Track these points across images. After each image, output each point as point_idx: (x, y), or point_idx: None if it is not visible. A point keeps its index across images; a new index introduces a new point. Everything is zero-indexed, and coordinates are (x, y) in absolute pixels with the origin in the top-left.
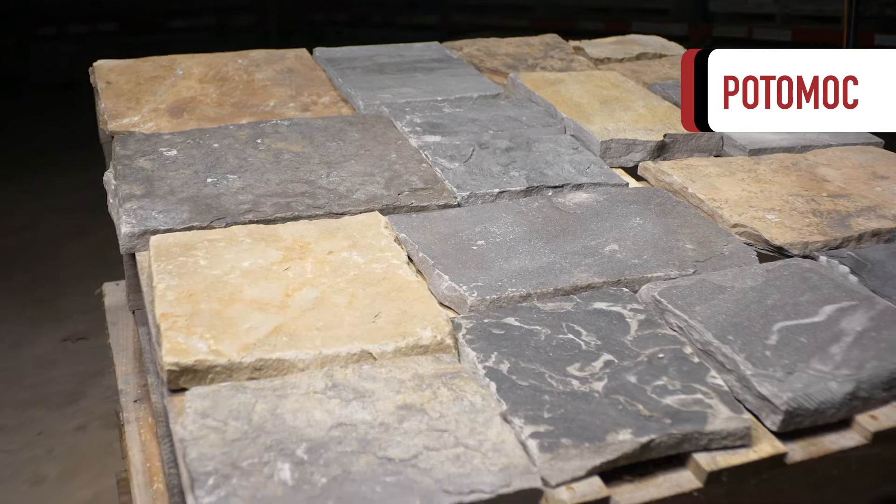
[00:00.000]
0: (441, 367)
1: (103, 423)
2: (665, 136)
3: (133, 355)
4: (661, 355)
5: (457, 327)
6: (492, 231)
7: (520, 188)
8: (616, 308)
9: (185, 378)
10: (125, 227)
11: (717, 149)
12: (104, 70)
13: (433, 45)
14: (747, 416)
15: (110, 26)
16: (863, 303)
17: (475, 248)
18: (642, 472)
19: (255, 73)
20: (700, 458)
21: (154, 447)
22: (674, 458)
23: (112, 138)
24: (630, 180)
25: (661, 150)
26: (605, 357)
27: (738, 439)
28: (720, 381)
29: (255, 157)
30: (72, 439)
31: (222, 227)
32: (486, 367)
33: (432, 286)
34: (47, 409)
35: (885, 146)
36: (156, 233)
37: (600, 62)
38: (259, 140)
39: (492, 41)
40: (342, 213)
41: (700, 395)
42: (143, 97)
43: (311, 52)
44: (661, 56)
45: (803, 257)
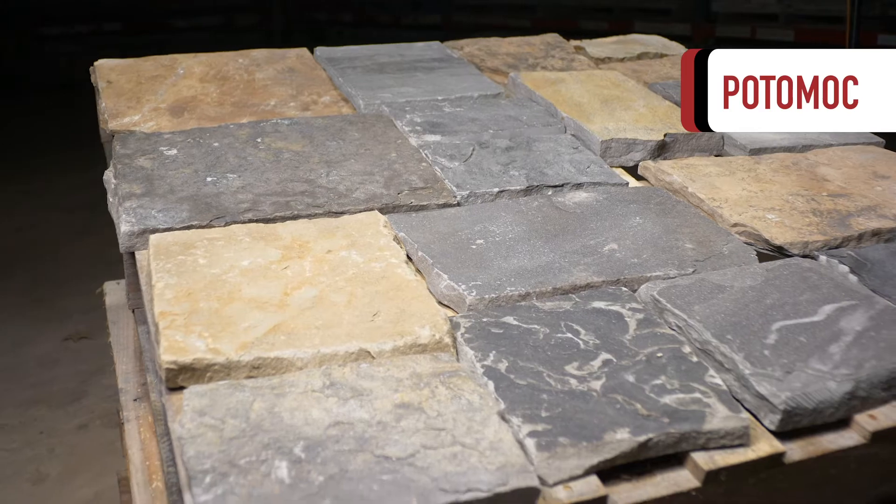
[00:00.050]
0: (439, 366)
1: (105, 421)
2: (665, 135)
3: (133, 354)
4: (660, 354)
5: (455, 326)
6: (491, 230)
7: (519, 187)
8: (615, 307)
9: (184, 376)
10: (124, 226)
11: (717, 148)
12: (105, 69)
13: (434, 44)
14: (745, 416)
15: (113, 26)
16: (862, 302)
17: (474, 247)
18: (640, 471)
19: (256, 73)
20: (698, 457)
21: (154, 446)
22: (672, 457)
23: (113, 137)
24: (630, 180)
25: (661, 150)
26: (604, 356)
27: (737, 438)
28: (718, 381)
29: (255, 156)
30: (73, 438)
31: (222, 226)
32: (484, 366)
33: (431, 285)
34: (49, 407)
35: (886, 146)
36: (155, 231)
37: (601, 62)
38: (259, 139)
39: (493, 41)
40: (341, 213)
41: (698, 395)
42: (143, 96)
43: (312, 51)
44: (662, 55)
45: (803, 257)
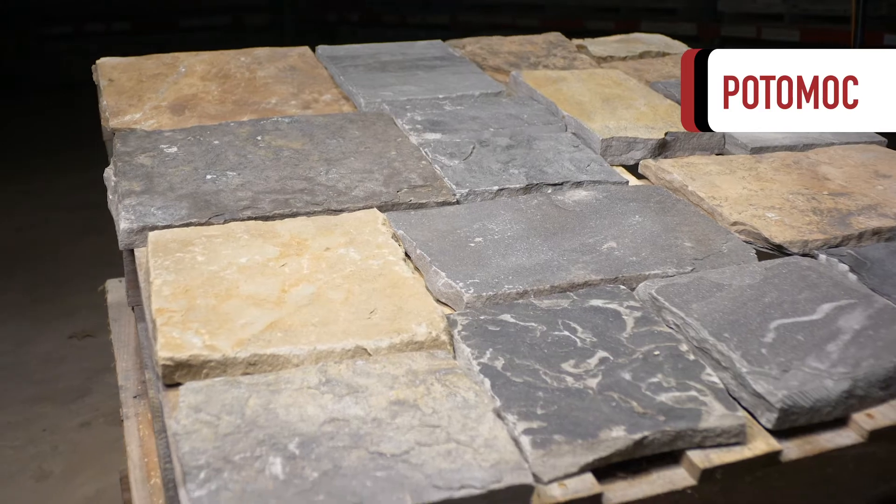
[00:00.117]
0: (435, 363)
1: (108, 419)
2: (666, 134)
3: (134, 351)
4: (657, 353)
5: (452, 324)
6: (490, 228)
7: (519, 186)
8: (612, 305)
9: (180, 373)
10: (124, 223)
11: (718, 147)
12: (107, 68)
13: (436, 43)
14: (741, 414)
15: (122, 26)
16: (861, 301)
17: (473, 245)
18: (636, 469)
19: (258, 71)
20: (694, 455)
21: (153, 443)
22: (668, 455)
23: (114, 135)
24: (630, 178)
25: (662, 149)
26: (601, 354)
27: (733, 437)
28: (715, 379)
29: (255, 154)
30: (76, 436)
31: (220, 224)
32: (480, 364)
33: (429, 283)
34: (53, 405)
35: (889, 145)
36: (154, 229)
37: (603, 60)
38: (259, 137)
39: (495, 39)
40: (340, 210)
41: (694, 393)
42: (145, 94)
43: (314, 50)
44: (664, 54)
45: (803, 255)
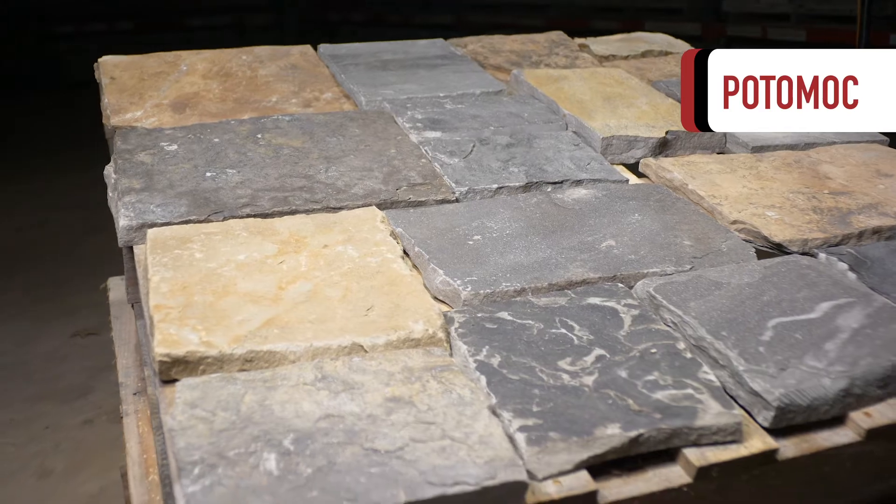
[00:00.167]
0: (431, 361)
1: (110, 417)
2: (667, 132)
3: (134, 349)
4: (654, 350)
5: (449, 321)
6: (489, 226)
7: (519, 184)
8: (610, 303)
9: (177, 369)
10: (123, 221)
11: (719, 146)
12: (109, 66)
13: (437, 41)
14: (738, 412)
15: (125, 25)
16: (860, 300)
17: (471, 242)
18: (631, 466)
19: (259, 70)
20: (690, 453)
21: (152, 439)
22: (664, 453)
23: (114, 133)
24: (631, 177)
25: (663, 147)
26: (597, 352)
27: (729, 435)
28: (712, 377)
29: (255, 151)
30: (79, 433)
31: (220, 221)
32: (477, 361)
33: (427, 280)
34: (55, 403)
35: (891, 145)
36: (153, 226)
37: (605, 59)
38: (259, 135)
39: (496, 38)
40: (339, 208)
41: (691, 391)
42: (146, 93)
43: (316, 48)
44: (666, 53)
45: (802, 254)
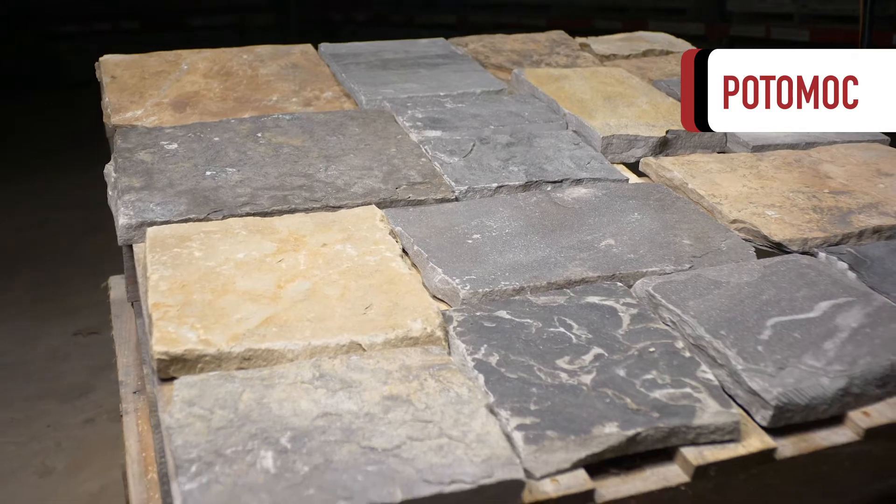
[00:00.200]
0: (429, 359)
1: (112, 416)
2: (667, 132)
3: (134, 347)
4: (652, 349)
5: (448, 320)
6: (488, 225)
7: (518, 183)
8: (609, 302)
9: (175, 367)
10: (123, 219)
11: (720, 145)
12: (110, 65)
13: (438, 41)
14: (736, 411)
15: (128, 24)
16: (860, 299)
17: (470, 241)
18: (629, 465)
19: (260, 69)
20: (688, 452)
21: (151, 437)
22: (662, 452)
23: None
24: (631, 176)
25: (663, 147)
26: (596, 350)
27: (727, 434)
28: (710, 376)
29: (255, 150)
30: (80, 432)
31: (219, 220)
32: (475, 360)
33: (426, 279)
34: (57, 402)
35: (892, 144)
36: (153, 224)
37: (606, 59)
38: (259, 134)
39: (498, 37)
40: (339, 207)
41: (689, 390)
42: (147, 91)
43: (317, 47)
44: (667, 53)
45: (802, 254)
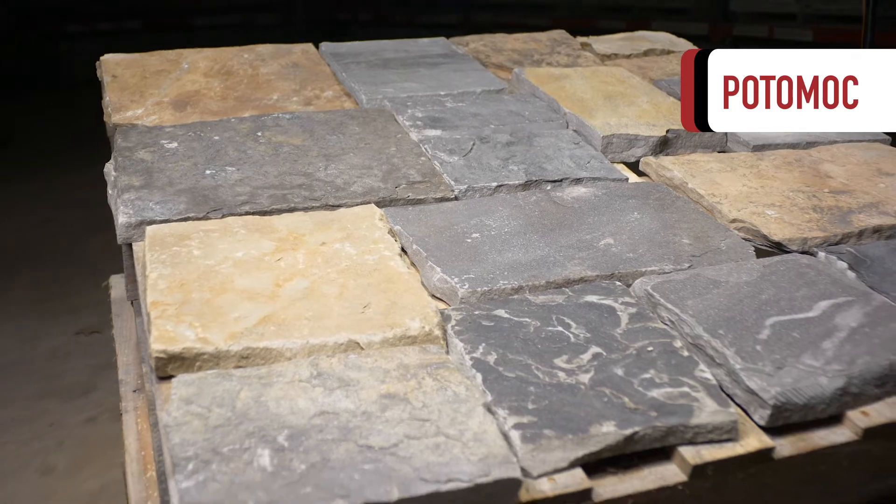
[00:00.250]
0: (427, 358)
1: (113, 415)
2: (668, 131)
3: (135, 346)
4: (650, 349)
5: (446, 318)
6: (487, 224)
7: (518, 182)
8: (607, 301)
9: (173, 365)
10: (122, 218)
11: (720, 145)
12: (111, 64)
13: (439, 40)
14: (734, 410)
15: (134, 24)
16: (859, 299)
17: (469, 240)
18: (627, 464)
19: (261, 68)
20: (685, 451)
21: (150, 436)
22: (659, 451)
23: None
24: (631, 175)
25: (663, 146)
26: (594, 350)
27: (725, 433)
28: (708, 375)
29: (255, 149)
30: (81, 431)
31: (218, 219)
32: (473, 359)
33: (425, 278)
34: (59, 401)
35: (893, 144)
36: (152, 223)
37: (607, 58)
38: (259, 133)
39: (499, 37)
40: (338, 206)
41: (687, 389)
42: (147, 90)
43: (318, 47)
44: (668, 52)
45: (802, 253)
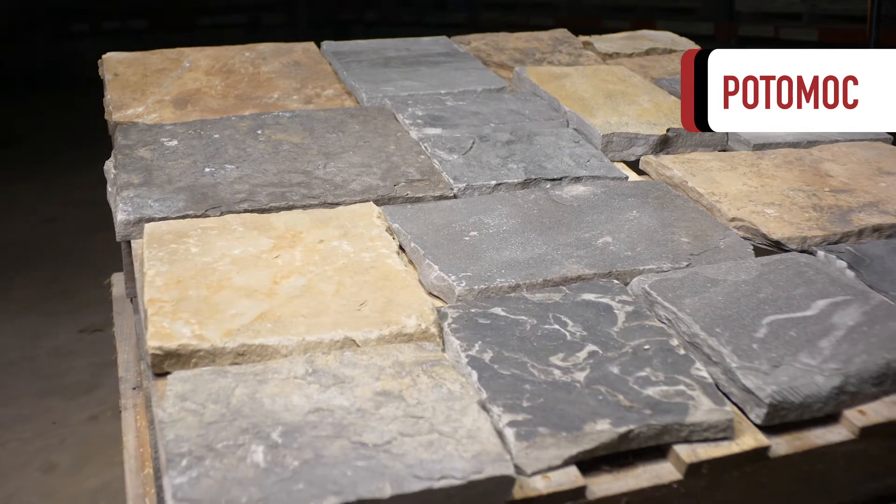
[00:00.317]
0: (422, 355)
1: (115, 413)
2: (668, 130)
3: (135, 344)
4: (647, 347)
5: (443, 316)
6: (486, 222)
7: (517, 180)
8: (604, 299)
9: (169, 362)
10: (121, 215)
11: (721, 144)
12: (112, 62)
13: (441, 39)
14: (729, 409)
15: (138, 23)
16: (857, 297)
17: (467, 238)
18: (622, 462)
19: (262, 66)
20: (680, 449)
21: (148, 433)
22: (654, 449)
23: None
24: (631, 174)
25: (664, 145)
26: (590, 348)
27: (720, 431)
28: (704, 374)
29: (255, 147)
30: (84, 429)
31: (217, 216)
32: (468, 356)
33: (422, 276)
34: (62, 399)
35: (894, 143)
36: (151, 221)
37: (609, 57)
38: (259, 131)
39: (500, 36)
40: (337, 204)
41: (683, 387)
42: (148, 89)
43: (320, 45)
44: (670, 51)
45: (801, 252)
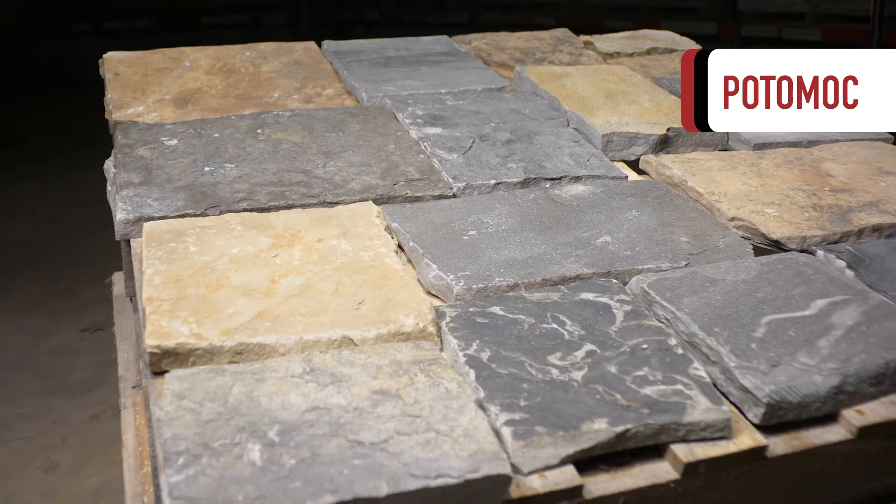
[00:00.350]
0: (420, 354)
1: (116, 412)
2: (668, 129)
3: (135, 343)
4: (645, 346)
5: (441, 315)
6: (485, 222)
7: (517, 180)
8: (603, 299)
9: (167, 361)
10: (120, 214)
11: (721, 143)
12: (113, 62)
13: (441, 38)
14: (727, 408)
15: (141, 23)
16: (856, 297)
17: (466, 237)
18: (620, 462)
19: (262, 66)
20: (678, 449)
21: (147, 432)
22: (652, 448)
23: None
24: (631, 173)
25: (664, 144)
26: (588, 347)
27: (718, 431)
28: (702, 373)
29: (255, 146)
30: (85, 428)
31: (216, 215)
32: (466, 355)
33: (421, 275)
34: (63, 398)
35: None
36: (150, 220)
37: (610, 56)
38: (259, 130)
39: (501, 35)
40: (336, 203)
41: (680, 387)
42: (149, 88)
43: (320, 45)
44: (671, 51)
45: (801, 251)
